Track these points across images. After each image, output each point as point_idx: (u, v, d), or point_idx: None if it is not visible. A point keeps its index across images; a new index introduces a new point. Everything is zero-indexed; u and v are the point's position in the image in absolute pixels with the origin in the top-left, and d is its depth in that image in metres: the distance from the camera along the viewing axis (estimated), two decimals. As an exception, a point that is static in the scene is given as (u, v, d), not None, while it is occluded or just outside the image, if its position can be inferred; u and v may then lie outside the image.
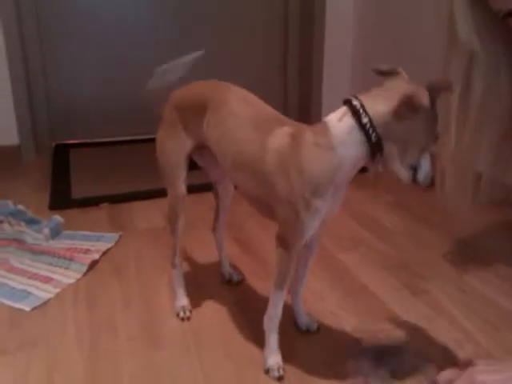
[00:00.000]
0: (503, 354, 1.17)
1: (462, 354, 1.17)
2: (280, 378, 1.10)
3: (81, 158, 2.70)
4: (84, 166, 2.58)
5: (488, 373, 0.95)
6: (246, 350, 1.21)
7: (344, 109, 0.96)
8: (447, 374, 1.00)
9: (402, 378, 1.07)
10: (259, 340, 1.19)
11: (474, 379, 0.93)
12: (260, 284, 1.48)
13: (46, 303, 1.40)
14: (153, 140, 1.30)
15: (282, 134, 1.02)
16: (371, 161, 0.96)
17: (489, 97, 1.09)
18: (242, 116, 1.11)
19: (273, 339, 1.13)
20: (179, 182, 1.26)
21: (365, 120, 0.92)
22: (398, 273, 1.54)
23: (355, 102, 0.94)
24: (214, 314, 1.36)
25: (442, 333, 1.25)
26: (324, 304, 1.39)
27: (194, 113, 1.18)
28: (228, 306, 1.38)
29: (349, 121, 0.94)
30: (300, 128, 1.03)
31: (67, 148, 2.83)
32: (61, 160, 2.65)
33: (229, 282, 1.49)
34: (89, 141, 2.92)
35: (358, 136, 0.93)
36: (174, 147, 1.24)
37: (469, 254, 1.67)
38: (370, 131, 0.92)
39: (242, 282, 1.49)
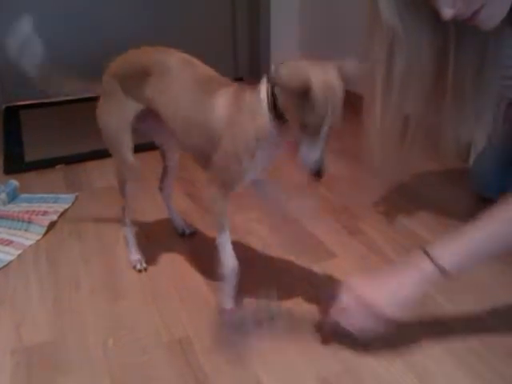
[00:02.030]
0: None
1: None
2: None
3: (32, 119, 2.70)
4: (36, 127, 2.59)
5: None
6: (200, 296, 1.32)
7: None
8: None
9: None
10: (212, 286, 1.32)
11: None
12: (212, 234, 1.57)
13: (8, 265, 1.47)
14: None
15: (226, 95, 1.10)
16: (282, 129, 1.04)
17: (410, 73, 1.16)
18: (186, 80, 1.17)
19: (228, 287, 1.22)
20: (125, 149, 1.31)
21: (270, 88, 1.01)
22: (339, 216, 1.67)
23: (272, 71, 1.01)
24: (169, 264, 1.46)
25: (375, 268, 1.38)
26: (270, 249, 1.51)
27: (137, 80, 1.23)
28: (182, 256, 1.48)
29: (265, 87, 1.03)
30: (240, 89, 1.11)
31: (17, 110, 2.81)
32: (11, 123, 2.64)
33: (182, 235, 1.59)
34: (39, 101, 2.90)
35: (267, 102, 1.02)
36: (117, 115, 1.29)
37: (406, 197, 1.80)
38: (273, 99, 1.01)
39: (194, 234, 1.59)
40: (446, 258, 1.01)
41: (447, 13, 0.98)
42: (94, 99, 1.29)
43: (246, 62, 3.34)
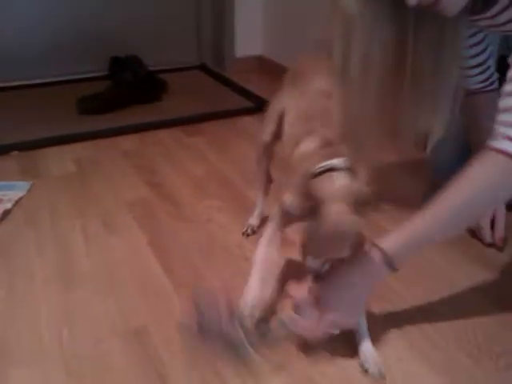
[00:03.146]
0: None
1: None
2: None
3: (-15, 104, 2.60)
4: (-11, 112, 2.49)
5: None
6: (158, 285, 1.30)
7: None
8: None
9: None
10: (169, 272, 1.32)
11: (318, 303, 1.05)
12: (172, 223, 1.56)
13: (-42, 255, 1.42)
14: (61, 83, 1.30)
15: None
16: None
17: (367, 63, 1.17)
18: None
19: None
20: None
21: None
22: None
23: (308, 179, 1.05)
24: (126, 253, 1.44)
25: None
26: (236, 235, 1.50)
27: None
28: (140, 244, 1.46)
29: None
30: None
31: (-31, 94, 2.70)
32: (-37, 108, 2.54)
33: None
34: (-5, 86, 2.80)
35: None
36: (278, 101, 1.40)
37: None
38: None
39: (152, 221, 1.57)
40: (391, 247, 1.03)
41: (412, 0, 0.99)
42: (50, 85, 1.25)
43: (209, 49, 3.31)
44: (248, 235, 1.50)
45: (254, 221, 1.53)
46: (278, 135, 1.35)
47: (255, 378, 1.02)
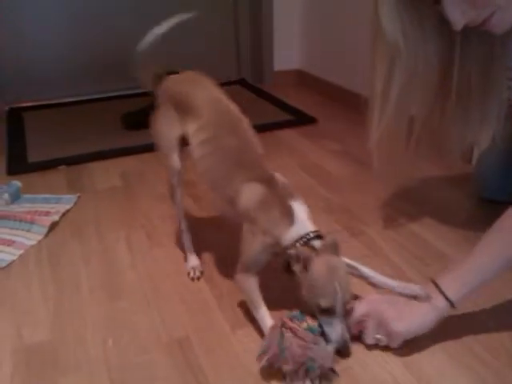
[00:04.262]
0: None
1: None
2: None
3: (35, 120, 2.70)
4: (39, 128, 2.59)
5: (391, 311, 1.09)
6: (200, 297, 1.32)
7: None
8: (355, 313, 1.12)
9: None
10: (210, 283, 1.34)
11: (383, 317, 1.08)
12: (214, 235, 1.58)
13: (9, 265, 1.48)
14: (107, 99, 1.36)
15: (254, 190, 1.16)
16: None
17: (412, 82, 1.17)
18: (224, 148, 1.24)
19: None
20: (174, 156, 1.36)
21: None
22: (340, 217, 1.67)
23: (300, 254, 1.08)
24: (169, 264, 1.46)
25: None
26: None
27: (179, 110, 1.32)
28: (182, 256, 1.47)
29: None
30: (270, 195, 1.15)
31: (20, 111, 2.82)
32: (15, 124, 2.65)
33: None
34: (42, 103, 2.92)
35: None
36: (169, 127, 1.35)
37: (406, 197, 1.79)
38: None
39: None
40: (455, 291, 1.05)
41: (459, 23, 0.99)
42: (95, 101, 1.30)
43: (248, 64, 3.35)
44: (199, 278, 1.39)
45: (194, 261, 1.43)
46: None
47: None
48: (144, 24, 1.40)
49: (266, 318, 1.13)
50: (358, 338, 1.12)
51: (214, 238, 1.56)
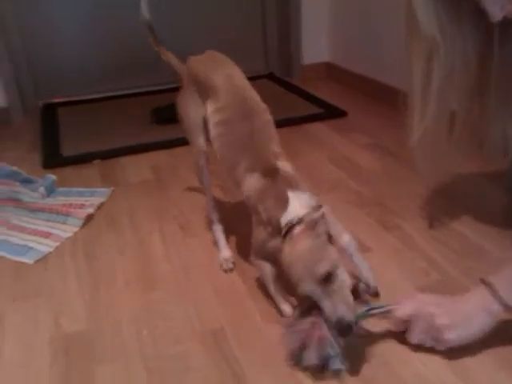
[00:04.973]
0: (466, 280, 1.28)
1: (427, 281, 1.29)
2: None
3: (69, 115, 2.75)
4: (73, 123, 2.64)
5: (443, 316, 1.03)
6: (234, 288, 1.33)
7: None
8: (402, 311, 1.08)
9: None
10: (243, 275, 1.34)
11: (434, 323, 1.03)
12: (244, 226, 1.58)
13: (46, 256, 1.51)
14: (138, 94, 1.38)
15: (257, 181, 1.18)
16: None
17: (451, 77, 1.15)
18: (234, 132, 1.25)
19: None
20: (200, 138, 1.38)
21: None
22: (372, 210, 1.65)
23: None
24: (202, 255, 1.47)
25: (410, 262, 1.37)
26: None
27: (200, 90, 1.34)
28: (215, 247, 1.48)
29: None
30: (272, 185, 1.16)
31: (55, 107, 2.87)
32: (49, 119, 2.70)
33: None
34: (76, 98, 2.96)
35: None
36: (193, 109, 1.37)
37: (442, 192, 1.75)
38: None
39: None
40: (509, 292, 0.99)
41: (497, 16, 0.97)
42: (128, 96, 1.32)
43: (276, 58, 3.33)
44: (231, 270, 1.39)
45: (226, 253, 1.43)
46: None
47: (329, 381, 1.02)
48: (174, 19, 1.41)
49: (278, 297, 1.21)
50: (398, 334, 1.09)
51: (248, 230, 1.56)
